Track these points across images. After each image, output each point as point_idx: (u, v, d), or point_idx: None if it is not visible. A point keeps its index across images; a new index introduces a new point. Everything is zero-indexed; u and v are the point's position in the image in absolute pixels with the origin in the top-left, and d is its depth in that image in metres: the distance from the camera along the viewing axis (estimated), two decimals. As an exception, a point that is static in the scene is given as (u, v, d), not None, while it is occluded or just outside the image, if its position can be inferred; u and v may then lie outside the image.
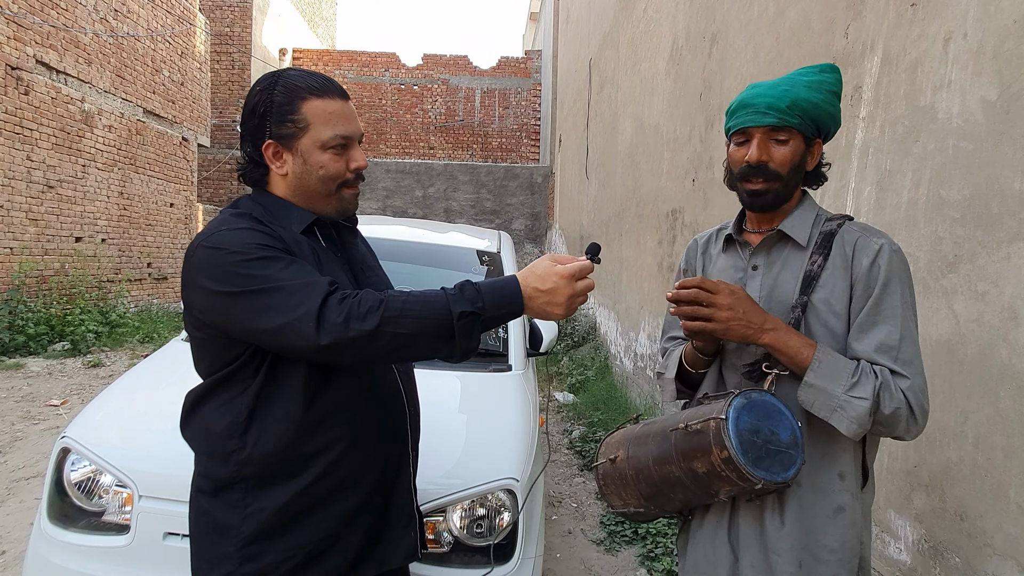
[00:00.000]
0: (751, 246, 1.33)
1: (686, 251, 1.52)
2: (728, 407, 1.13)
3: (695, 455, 1.16)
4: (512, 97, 17.29)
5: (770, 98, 1.22)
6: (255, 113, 1.19)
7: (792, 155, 1.23)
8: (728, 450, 1.10)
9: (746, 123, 1.24)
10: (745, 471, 1.09)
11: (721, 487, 1.15)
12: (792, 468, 1.12)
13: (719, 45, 3.70)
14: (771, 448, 1.12)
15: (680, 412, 1.28)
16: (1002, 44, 1.58)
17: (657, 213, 5.03)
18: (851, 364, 1.15)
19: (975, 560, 1.60)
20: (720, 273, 1.37)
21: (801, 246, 1.26)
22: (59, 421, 4.84)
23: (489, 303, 1.07)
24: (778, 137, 1.23)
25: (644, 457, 1.26)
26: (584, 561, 3.08)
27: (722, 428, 1.11)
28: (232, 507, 1.15)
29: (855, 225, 1.26)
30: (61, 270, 8.24)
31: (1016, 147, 1.52)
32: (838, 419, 1.14)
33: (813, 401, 1.15)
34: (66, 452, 1.82)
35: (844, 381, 1.13)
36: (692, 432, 1.16)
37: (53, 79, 8.01)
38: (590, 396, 5.78)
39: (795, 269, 1.26)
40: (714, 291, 1.18)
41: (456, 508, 1.73)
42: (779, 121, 1.21)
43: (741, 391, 1.17)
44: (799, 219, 1.28)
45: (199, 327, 1.18)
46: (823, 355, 1.15)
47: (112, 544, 1.69)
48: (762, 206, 1.27)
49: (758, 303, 1.26)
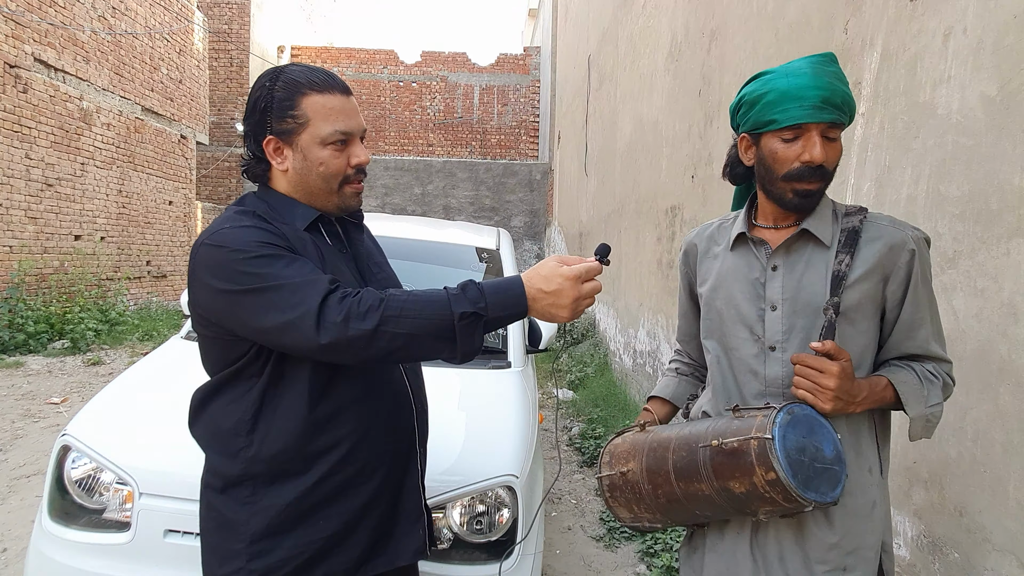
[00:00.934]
0: (768, 245, 1.24)
1: (684, 254, 1.44)
2: (773, 425, 1.06)
3: (732, 474, 1.09)
4: (511, 94, 17.27)
5: (823, 91, 1.13)
6: (256, 108, 1.19)
7: (840, 152, 1.19)
8: (776, 472, 1.04)
9: (803, 119, 1.13)
10: (795, 494, 1.04)
11: (761, 507, 1.09)
12: (839, 486, 1.08)
13: (718, 41, 3.69)
14: (817, 466, 1.07)
15: (700, 423, 1.21)
16: (1002, 39, 1.58)
17: (656, 210, 5.02)
18: (915, 379, 1.18)
19: (974, 556, 1.60)
20: (730, 274, 1.29)
21: (824, 245, 1.20)
22: (59, 419, 4.84)
23: (492, 304, 1.06)
24: (830, 135, 1.16)
25: (663, 472, 1.19)
26: (584, 557, 3.08)
27: (768, 449, 1.04)
28: (241, 504, 1.15)
29: (878, 219, 1.22)
30: (60, 268, 8.24)
31: (1016, 143, 1.52)
32: (927, 431, 1.19)
33: (915, 431, 1.19)
34: (67, 450, 1.82)
35: (922, 397, 1.17)
36: (728, 450, 1.09)
37: (51, 77, 7.99)
38: (589, 393, 5.78)
39: (819, 269, 1.20)
40: (824, 371, 1.11)
41: (456, 505, 1.73)
42: (837, 118, 1.15)
43: (783, 406, 1.10)
44: (821, 217, 1.22)
45: (205, 325, 1.18)
46: (901, 386, 1.17)
47: (113, 541, 1.70)
48: (810, 207, 1.20)
49: (780, 305, 1.21)
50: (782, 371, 1.20)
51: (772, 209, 1.26)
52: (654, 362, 4.94)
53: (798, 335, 1.19)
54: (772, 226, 1.26)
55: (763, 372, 1.22)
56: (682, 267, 1.46)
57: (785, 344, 1.20)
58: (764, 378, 1.22)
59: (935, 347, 1.21)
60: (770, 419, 1.07)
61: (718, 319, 1.30)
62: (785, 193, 1.19)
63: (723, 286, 1.29)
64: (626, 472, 1.26)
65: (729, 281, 1.28)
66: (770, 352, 1.21)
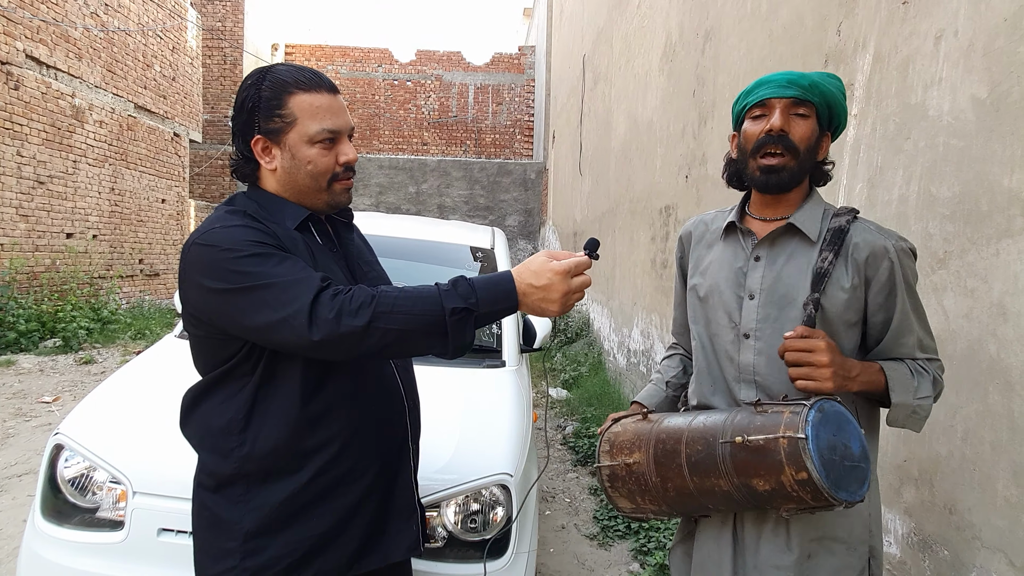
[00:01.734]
0: (754, 235, 1.28)
1: (679, 241, 1.48)
2: (806, 424, 1.03)
3: (757, 472, 1.07)
4: (506, 93, 17.26)
5: (791, 75, 1.21)
6: (244, 108, 1.19)
7: (810, 133, 1.21)
8: (808, 472, 1.01)
9: (767, 95, 1.21)
10: (828, 494, 1.02)
11: (785, 504, 1.08)
12: (865, 484, 1.07)
13: (712, 42, 3.71)
14: (847, 465, 1.05)
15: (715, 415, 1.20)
16: (992, 42, 1.59)
17: (650, 209, 5.04)
18: (906, 370, 1.20)
19: (964, 553, 1.62)
20: (718, 262, 1.33)
21: (809, 241, 1.23)
22: (51, 418, 4.81)
23: (483, 299, 1.07)
24: (798, 111, 1.21)
25: (675, 465, 1.17)
26: (577, 556, 3.09)
27: (802, 448, 1.02)
28: (234, 502, 1.16)
29: (866, 224, 1.24)
30: (52, 266, 8.18)
31: (1005, 144, 1.53)
32: (913, 422, 1.20)
33: (896, 417, 1.20)
34: (60, 448, 1.82)
35: (911, 388, 1.18)
36: (752, 447, 1.07)
37: (43, 74, 7.94)
38: (583, 392, 5.79)
39: (800, 264, 1.22)
40: (813, 349, 1.12)
41: (450, 503, 1.73)
42: (801, 94, 1.20)
43: (815, 402, 1.08)
44: (809, 213, 1.24)
45: (196, 324, 1.18)
46: (891, 371, 1.19)
47: (106, 540, 1.69)
48: (777, 184, 1.22)
49: (758, 294, 1.24)
50: (754, 358, 1.24)
51: (759, 199, 1.30)
52: (648, 361, 4.96)
53: (772, 325, 1.23)
54: (761, 218, 1.30)
55: (737, 358, 1.26)
56: (677, 254, 1.50)
57: (759, 333, 1.24)
58: (738, 364, 1.26)
59: (920, 354, 1.24)
60: (802, 417, 1.05)
61: (704, 305, 1.34)
62: (755, 172, 1.24)
63: (710, 272, 1.34)
64: (631, 463, 1.24)
65: (715, 268, 1.33)
66: (744, 339, 1.25)
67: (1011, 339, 1.50)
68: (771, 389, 1.22)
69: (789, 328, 1.19)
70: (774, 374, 1.22)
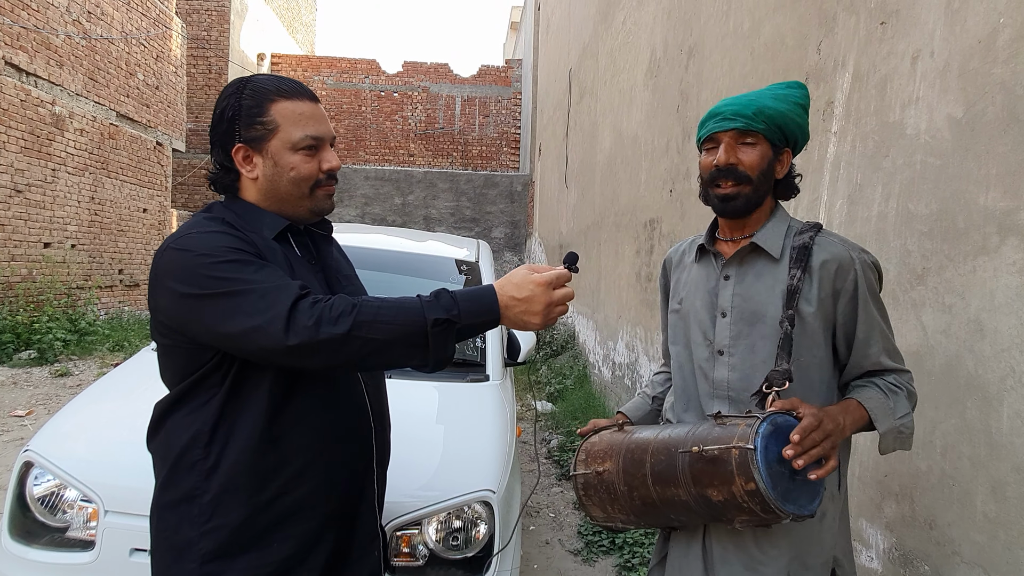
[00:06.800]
0: (723, 256, 1.34)
1: (663, 265, 1.53)
2: (756, 435, 1.05)
3: (711, 482, 1.09)
4: (492, 105, 17.34)
5: (736, 106, 1.26)
6: (224, 118, 1.18)
7: (760, 159, 1.26)
8: (756, 483, 1.03)
9: (714, 129, 1.27)
10: (774, 506, 1.03)
11: (738, 516, 1.09)
12: (817, 499, 1.08)
13: (696, 58, 3.75)
14: (797, 478, 1.06)
15: (680, 427, 1.23)
16: (967, 63, 1.62)
17: (635, 223, 5.07)
18: (879, 394, 1.22)
19: (944, 568, 1.63)
20: (693, 283, 1.38)
21: (774, 258, 1.27)
22: (24, 432, 4.69)
23: (465, 311, 1.06)
24: (745, 140, 1.26)
25: (640, 474, 1.19)
26: (561, 572, 3.07)
27: (750, 459, 1.04)
28: (191, 523, 1.12)
29: (830, 238, 1.28)
30: (28, 276, 8.03)
31: (980, 163, 1.56)
32: (901, 443, 1.22)
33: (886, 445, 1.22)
34: (29, 466, 1.77)
35: (890, 411, 1.20)
36: (708, 458, 1.09)
37: (23, 81, 7.83)
38: (568, 405, 5.78)
39: (767, 281, 1.27)
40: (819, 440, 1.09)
41: (432, 521, 1.71)
42: (745, 125, 1.24)
43: (766, 416, 1.09)
44: (771, 231, 1.29)
45: (165, 333, 1.15)
46: (869, 403, 1.20)
47: (77, 561, 1.64)
48: (734, 211, 1.28)
49: (729, 312, 1.28)
50: (728, 374, 1.27)
51: (725, 222, 1.35)
52: (632, 374, 4.96)
53: (743, 341, 1.27)
54: (729, 239, 1.35)
55: (712, 375, 1.29)
56: (661, 281, 1.55)
57: (732, 349, 1.27)
58: (712, 380, 1.29)
59: (888, 361, 1.26)
60: (753, 429, 1.07)
61: (683, 325, 1.38)
62: (712, 200, 1.31)
63: (688, 294, 1.39)
64: (602, 472, 1.26)
65: (692, 289, 1.38)
66: (718, 356, 1.29)
67: (988, 355, 1.51)
68: (745, 405, 1.24)
69: (760, 344, 1.23)
70: (748, 390, 1.24)
